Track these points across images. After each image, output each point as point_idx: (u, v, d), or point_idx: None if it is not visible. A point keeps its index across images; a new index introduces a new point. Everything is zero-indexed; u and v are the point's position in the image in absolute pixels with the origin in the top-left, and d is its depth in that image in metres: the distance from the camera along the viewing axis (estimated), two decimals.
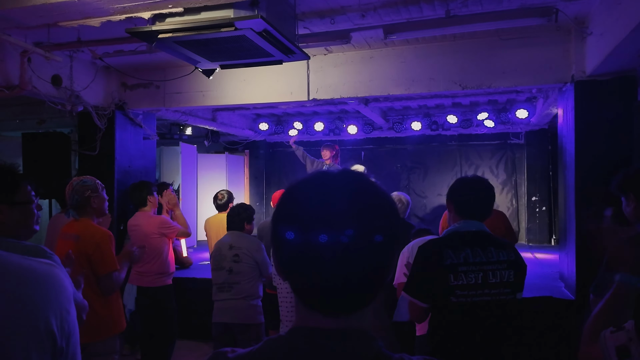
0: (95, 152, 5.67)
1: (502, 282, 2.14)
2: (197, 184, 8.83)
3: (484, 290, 2.12)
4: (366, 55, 5.24)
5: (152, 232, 4.30)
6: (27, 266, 0.97)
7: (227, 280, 3.63)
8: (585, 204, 4.42)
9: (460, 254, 2.14)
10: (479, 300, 2.12)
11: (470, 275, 2.11)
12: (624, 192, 2.26)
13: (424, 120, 8.13)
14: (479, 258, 2.14)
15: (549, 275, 5.61)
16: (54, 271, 1.00)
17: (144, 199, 4.41)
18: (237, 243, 3.69)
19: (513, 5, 3.98)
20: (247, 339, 3.56)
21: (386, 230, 0.78)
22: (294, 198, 0.82)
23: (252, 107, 7.91)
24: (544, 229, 8.78)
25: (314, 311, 0.79)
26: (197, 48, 3.58)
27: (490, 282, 2.13)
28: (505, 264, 2.16)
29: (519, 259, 2.24)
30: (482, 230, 2.24)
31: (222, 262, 3.67)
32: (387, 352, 0.79)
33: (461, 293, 2.11)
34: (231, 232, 3.80)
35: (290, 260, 0.79)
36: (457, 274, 2.11)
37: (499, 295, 2.14)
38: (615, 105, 4.42)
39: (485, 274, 2.13)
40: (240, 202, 4.09)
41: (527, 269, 2.35)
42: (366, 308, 0.81)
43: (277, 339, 0.81)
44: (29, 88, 4.64)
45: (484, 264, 2.14)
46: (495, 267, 2.15)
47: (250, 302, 3.64)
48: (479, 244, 2.17)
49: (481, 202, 2.29)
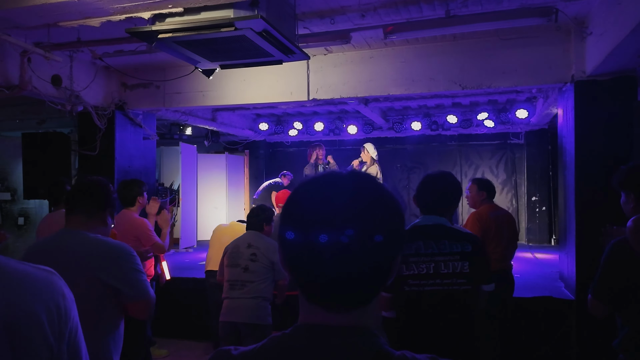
0: (95, 152, 5.67)
1: (454, 273, 2.24)
2: (197, 184, 8.84)
3: (436, 280, 2.24)
4: (366, 55, 5.24)
5: (130, 234, 4.04)
6: (22, 270, 0.97)
7: (241, 278, 3.63)
8: (585, 204, 4.43)
9: (412, 245, 2.27)
10: (430, 289, 2.24)
11: (421, 266, 2.24)
12: (624, 189, 2.27)
13: (424, 120, 8.13)
14: (430, 250, 2.26)
15: (549, 275, 5.61)
16: (52, 277, 1.01)
17: (134, 198, 4.18)
18: (256, 243, 3.69)
19: (513, 5, 3.98)
20: (253, 340, 3.54)
21: (388, 231, 0.79)
22: (297, 198, 0.84)
23: (252, 107, 7.91)
24: (544, 229, 8.78)
25: (316, 307, 0.80)
26: (197, 48, 3.58)
27: (442, 272, 2.24)
28: (457, 255, 2.26)
29: (477, 251, 2.31)
30: (439, 224, 2.35)
31: (239, 259, 3.66)
32: (389, 349, 0.79)
33: (413, 282, 2.24)
34: (250, 232, 3.81)
35: (292, 258, 0.81)
36: (409, 264, 2.25)
37: (451, 285, 2.24)
38: (615, 106, 4.42)
39: (437, 264, 2.24)
40: (260, 204, 4.09)
41: (527, 269, 2.39)
42: (369, 306, 0.82)
43: (281, 335, 0.82)
44: (28, 88, 4.64)
45: (435, 255, 2.25)
46: (447, 258, 2.25)
47: (260, 303, 3.63)
48: (432, 237, 2.29)
49: (440, 198, 2.40)
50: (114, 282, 1.94)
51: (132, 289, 1.98)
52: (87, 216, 2.07)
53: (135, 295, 1.99)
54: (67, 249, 1.96)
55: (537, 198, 8.85)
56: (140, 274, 2.03)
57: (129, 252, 2.03)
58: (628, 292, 2.15)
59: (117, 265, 1.96)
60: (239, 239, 3.80)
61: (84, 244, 1.98)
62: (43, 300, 0.95)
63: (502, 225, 4.11)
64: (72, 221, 2.07)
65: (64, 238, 2.02)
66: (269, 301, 3.71)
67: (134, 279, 2.00)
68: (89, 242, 1.99)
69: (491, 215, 4.11)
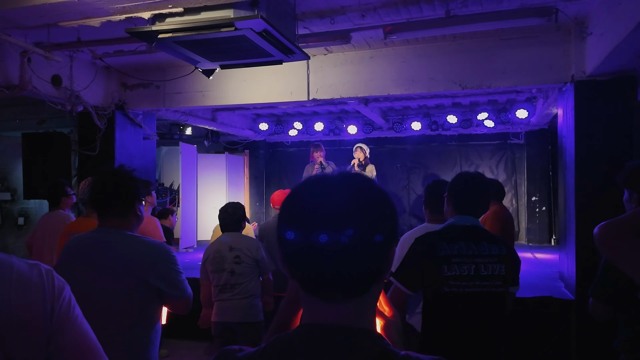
0: (95, 152, 5.67)
1: (493, 275, 2.23)
2: (197, 184, 8.84)
3: (476, 282, 2.22)
4: (366, 55, 5.24)
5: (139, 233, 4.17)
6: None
7: (230, 282, 3.63)
8: (585, 204, 4.43)
9: (454, 246, 2.24)
10: (471, 291, 2.21)
11: (463, 267, 2.21)
12: (628, 187, 2.28)
13: (424, 120, 8.13)
14: (471, 251, 2.24)
15: (549, 275, 5.61)
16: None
17: None
18: (237, 244, 3.67)
19: (513, 5, 3.98)
20: (248, 338, 3.57)
21: (386, 229, 0.80)
22: (296, 199, 0.84)
23: (252, 107, 7.91)
24: (544, 229, 8.78)
25: (315, 299, 0.81)
26: (197, 48, 3.58)
27: (482, 274, 2.22)
28: (496, 257, 2.25)
29: (511, 253, 2.32)
30: (475, 225, 2.35)
31: (223, 264, 3.65)
32: (393, 349, 0.79)
33: (454, 283, 2.21)
34: (227, 233, 3.77)
35: (292, 257, 0.81)
36: (451, 265, 2.21)
37: (490, 287, 2.23)
38: (615, 105, 4.42)
39: (477, 266, 2.22)
40: (230, 202, 4.02)
41: (527, 269, 2.41)
42: (366, 295, 0.82)
43: (285, 336, 0.83)
44: (29, 88, 4.64)
45: (476, 256, 2.23)
46: (487, 260, 2.24)
47: (251, 301, 3.65)
48: (472, 238, 2.27)
49: (476, 198, 2.39)
50: (159, 284, 1.97)
51: (176, 290, 2.05)
52: (122, 215, 2.07)
53: (178, 295, 2.06)
54: (111, 249, 1.97)
55: (537, 198, 8.85)
56: (181, 274, 2.09)
57: (169, 253, 2.08)
58: (629, 292, 2.15)
59: (161, 267, 2.00)
60: (218, 243, 3.74)
61: (127, 245, 2.00)
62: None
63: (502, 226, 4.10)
64: (109, 221, 2.05)
65: (106, 237, 2.02)
66: (259, 297, 3.72)
67: (177, 280, 2.06)
68: (132, 243, 2.01)
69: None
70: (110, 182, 2.07)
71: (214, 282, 3.69)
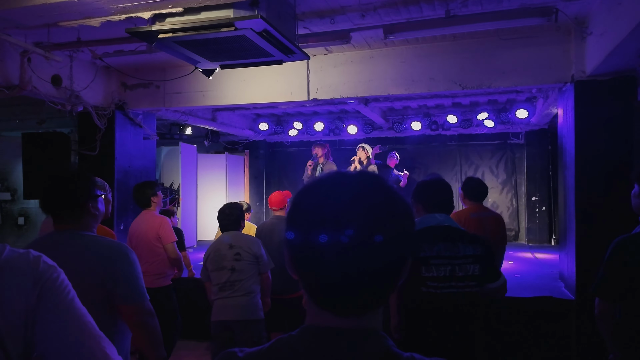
0: (95, 152, 5.67)
1: (467, 276, 2.32)
2: (197, 184, 8.84)
3: (451, 282, 2.31)
4: (366, 55, 5.24)
5: (152, 232, 4.28)
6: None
7: (230, 279, 3.64)
8: (585, 204, 4.43)
9: (434, 247, 2.33)
10: (447, 292, 2.31)
11: (440, 268, 2.31)
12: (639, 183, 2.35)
13: (424, 120, 8.13)
14: (449, 252, 2.33)
15: (549, 275, 5.61)
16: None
17: (148, 199, 4.39)
18: (237, 242, 3.71)
19: (513, 5, 3.98)
20: (247, 336, 3.56)
21: (390, 231, 0.77)
22: (301, 200, 0.83)
23: (252, 107, 7.91)
24: (544, 229, 8.78)
25: (325, 311, 0.80)
26: (197, 48, 3.58)
27: (457, 275, 2.32)
28: (471, 258, 2.34)
29: (485, 252, 2.40)
30: (451, 226, 2.46)
31: (223, 262, 3.67)
32: (397, 350, 0.79)
33: (432, 284, 2.31)
34: (226, 233, 3.80)
35: (297, 260, 0.81)
36: (429, 266, 2.31)
37: (464, 288, 2.32)
38: (615, 105, 4.42)
39: (453, 267, 2.32)
40: (227, 202, 4.05)
41: (527, 269, 2.48)
42: (378, 309, 0.81)
43: (288, 337, 0.82)
44: (28, 88, 4.64)
45: (452, 258, 2.33)
46: (462, 261, 2.33)
47: (251, 299, 3.66)
48: (449, 239, 2.37)
49: (443, 194, 2.59)
50: (110, 284, 1.89)
51: (124, 289, 1.91)
52: (75, 217, 1.99)
53: (125, 294, 1.92)
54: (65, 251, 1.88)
55: (537, 198, 8.85)
56: (135, 277, 1.97)
57: (125, 253, 1.99)
58: (629, 291, 2.16)
59: (115, 267, 1.92)
60: (217, 242, 3.79)
61: (81, 245, 1.94)
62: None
63: (485, 227, 3.91)
64: (62, 225, 1.99)
65: (61, 239, 1.95)
66: (259, 295, 3.74)
67: (129, 280, 1.94)
68: (88, 243, 1.96)
69: (472, 216, 3.96)
70: (55, 185, 2.01)
71: (214, 281, 3.70)
